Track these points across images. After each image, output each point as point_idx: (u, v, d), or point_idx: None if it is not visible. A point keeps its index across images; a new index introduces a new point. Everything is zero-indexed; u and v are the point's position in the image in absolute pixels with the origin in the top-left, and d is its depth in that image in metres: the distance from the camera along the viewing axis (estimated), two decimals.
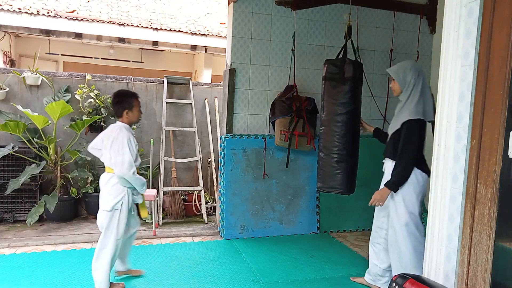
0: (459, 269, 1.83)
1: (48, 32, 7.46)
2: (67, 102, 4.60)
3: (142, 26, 7.93)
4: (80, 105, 4.88)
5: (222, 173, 4.25)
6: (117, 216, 2.78)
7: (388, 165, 2.94)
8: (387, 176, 2.92)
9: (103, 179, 2.85)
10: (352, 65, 3.13)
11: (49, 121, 4.43)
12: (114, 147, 2.73)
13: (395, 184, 2.79)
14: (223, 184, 4.23)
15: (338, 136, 3.13)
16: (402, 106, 2.87)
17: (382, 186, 2.92)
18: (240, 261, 3.64)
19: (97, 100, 4.93)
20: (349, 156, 3.17)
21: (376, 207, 3.05)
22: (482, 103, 1.72)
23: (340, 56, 3.23)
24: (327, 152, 3.19)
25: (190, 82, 5.42)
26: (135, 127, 5.23)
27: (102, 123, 4.99)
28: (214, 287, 3.10)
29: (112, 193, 2.78)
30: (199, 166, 5.11)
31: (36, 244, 3.89)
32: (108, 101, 5.02)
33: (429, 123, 2.78)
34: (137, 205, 3.07)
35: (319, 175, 3.30)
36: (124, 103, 2.86)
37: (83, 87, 4.90)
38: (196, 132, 5.19)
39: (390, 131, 2.94)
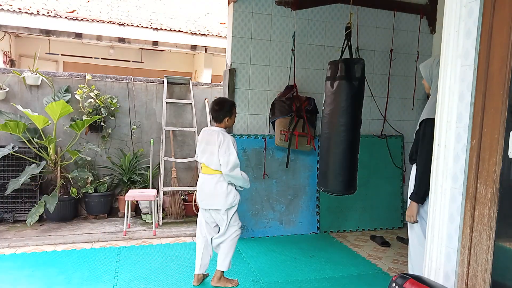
0: (459, 269, 1.83)
1: (48, 32, 7.47)
2: (67, 102, 4.60)
3: (142, 26, 7.94)
4: (80, 105, 4.89)
5: None
6: (234, 210, 3.12)
7: (412, 171, 2.65)
8: (410, 184, 2.63)
9: (211, 181, 3.02)
10: None
11: (49, 121, 4.43)
12: (221, 149, 2.96)
13: (418, 195, 2.46)
14: None
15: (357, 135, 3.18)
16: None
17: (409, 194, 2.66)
18: (240, 261, 3.64)
19: (97, 100, 4.94)
20: None
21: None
22: (482, 103, 1.72)
23: (343, 56, 3.23)
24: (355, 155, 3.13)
25: (190, 82, 5.43)
26: (135, 127, 5.24)
27: (102, 123, 4.99)
28: (214, 287, 3.10)
29: (227, 192, 3.04)
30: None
31: (36, 244, 3.89)
32: (108, 101, 5.02)
33: None
34: None
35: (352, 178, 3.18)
36: (225, 110, 3.04)
37: (83, 87, 4.90)
38: (196, 132, 5.18)
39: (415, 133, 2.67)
